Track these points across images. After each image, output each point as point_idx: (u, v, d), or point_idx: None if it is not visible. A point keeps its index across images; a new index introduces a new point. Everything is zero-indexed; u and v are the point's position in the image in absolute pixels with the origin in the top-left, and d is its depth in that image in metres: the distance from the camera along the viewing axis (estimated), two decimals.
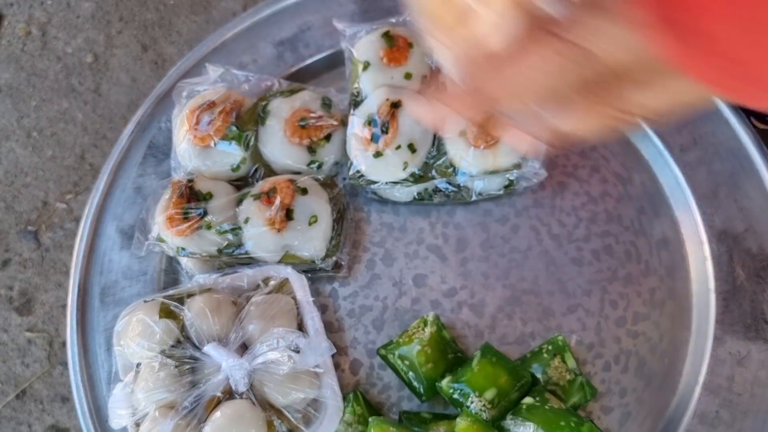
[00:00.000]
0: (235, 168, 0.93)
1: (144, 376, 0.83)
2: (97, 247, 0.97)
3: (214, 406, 0.83)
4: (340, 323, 0.94)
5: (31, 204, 1.55)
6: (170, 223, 0.88)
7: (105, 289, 0.95)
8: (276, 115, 0.93)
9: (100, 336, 0.94)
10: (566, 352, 0.87)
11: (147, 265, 0.96)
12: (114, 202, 0.98)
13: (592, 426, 0.79)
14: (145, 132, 1.01)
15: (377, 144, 0.88)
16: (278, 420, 0.83)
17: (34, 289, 1.49)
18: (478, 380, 0.83)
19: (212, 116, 0.92)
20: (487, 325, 0.93)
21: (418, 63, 0.93)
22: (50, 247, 1.52)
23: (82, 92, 1.62)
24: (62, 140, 1.59)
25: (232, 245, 0.89)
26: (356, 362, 0.93)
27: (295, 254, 0.90)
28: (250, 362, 0.82)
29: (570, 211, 0.97)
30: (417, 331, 0.88)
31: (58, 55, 1.65)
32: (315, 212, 0.89)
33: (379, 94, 0.90)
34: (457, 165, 0.90)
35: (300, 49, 1.04)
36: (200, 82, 0.97)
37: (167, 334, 0.84)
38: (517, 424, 0.80)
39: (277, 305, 0.87)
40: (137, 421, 0.83)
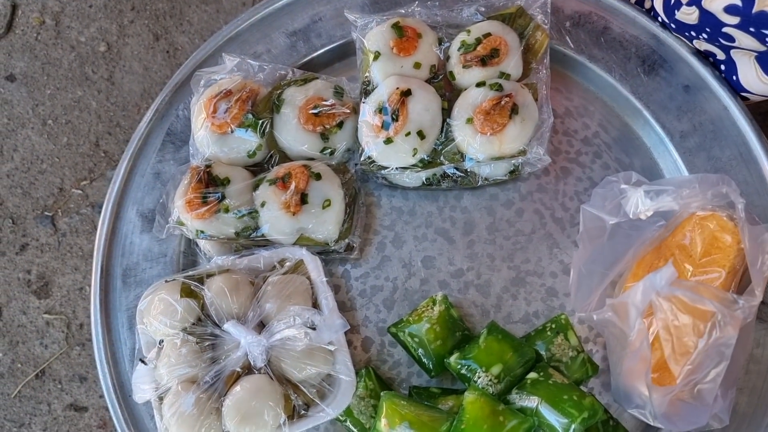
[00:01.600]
0: (251, 154, 0.97)
1: (167, 353, 0.87)
2: (119, 230, 1.01)
3: (233, 380, 0.87)
4: (352, 303, 0.98)
5: (47, 190, 1.59)
6: (189, 207, 0.92)
7: (127, 271, 0.99)
8: (290, 103, 0.96)
9: (122, 315, 0.98)
10: (569, 330, 0.91)
11: (167, 247, 1.00)
12: (134, 187, 1.02)
13: (594, 400, 0.83)
14: (163, 119, 1.04)
15: (388, 131, 0.92)
16: (294, 394, 0.87)
17: (51, 273, 1.53)
18: (485, 356, 0.87)
19: (229, 104, 0.95)
20: (492, 304, 0.96)
21: (427, 53, 0.96)
22: (67, 232, 1.55)
23: (95, 81, 1.66)
24: (77, 128, 1.63)
25: (249, 228, 0.93)
26: (368, 340, 0.97)
27: (310, 237, 0.93)
28: (268, 339, 0.86)
29: (573, 195, 1.00)
30: (426, 309, 0.92)
31: (72, 44, 1.69)
32: (328, 196, 0.93)
33: (389, 83, 0.93)
34: (464, 151, 0.93)
35: (312, 40, 1.07)
36: (217, 71, 1.00)
37: (188, 312, 0.88)
38: (522, 398, 0.84)
39: (292, 285, 0.91)
40: (160, 395, 0.87)
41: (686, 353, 0.77)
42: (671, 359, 0.77)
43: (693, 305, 0.77)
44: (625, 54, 1.02)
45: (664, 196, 0.81)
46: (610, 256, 0.87)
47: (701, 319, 0.77)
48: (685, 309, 0.77)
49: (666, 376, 0.81)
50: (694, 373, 0.76)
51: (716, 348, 0.76)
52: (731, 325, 0.75)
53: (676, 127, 1.00)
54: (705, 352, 0.76)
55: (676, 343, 0.77)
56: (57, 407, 1.45)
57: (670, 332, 0.77)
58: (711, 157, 0.98)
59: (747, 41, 0.86)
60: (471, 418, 0.80)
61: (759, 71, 0.91)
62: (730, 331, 0.75)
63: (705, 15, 0.87)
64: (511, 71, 0.94)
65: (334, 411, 0.88)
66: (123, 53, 1.66)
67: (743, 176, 0.96)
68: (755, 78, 0.92)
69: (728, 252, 0.83)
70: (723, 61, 0.96)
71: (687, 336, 0.77)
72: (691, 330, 0.77)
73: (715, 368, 0.76)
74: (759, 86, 0.93)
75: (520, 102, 0.91)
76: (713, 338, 0.76)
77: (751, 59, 0.91)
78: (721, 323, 0.76)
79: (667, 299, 0.77)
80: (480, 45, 0.94)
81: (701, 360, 0.76)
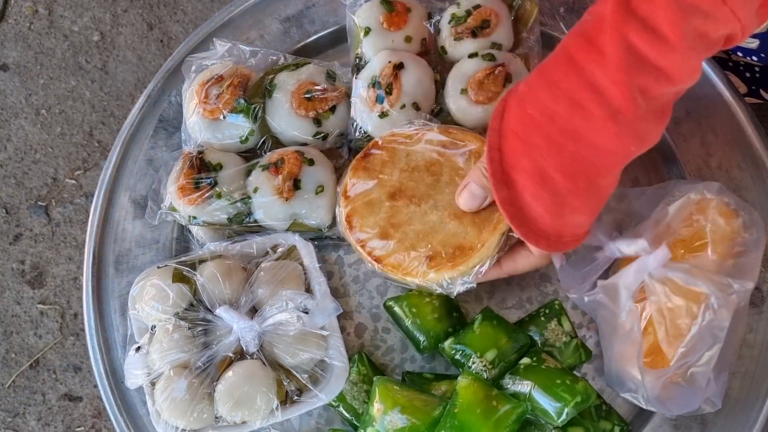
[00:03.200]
0: (244, 140, 0.97)
1: (159, 338, 0.87)
2: (111, 216, 1.00)
3: (226, 366, 0.87)
4: (345, 289, 0.98)
5: (41, 180, 1.58)
6: (182, 193, 0.92)
7: (119, 257, 0.99)
8: (282, 88, 0.96)
9: (114, 302, 0.97)
10: (562, 315, 0.91)
11: (159, 233, 1.00)
12: (126, 174, 1.02)
13: (586, 384, 0.83)
14: (155, 106, 1.04)
15: (382, 105, 0.92)
16: (287, 379, 0.87)
17: (45, 263, 1.53)
18: (479, 342, 0.87)
19: (220, 90, 0.95)
20: (486, 290, 0.96)
21: (418, 26, 0.96)
22: (60, 222, 1.55)
23: (89, 70, 1.65)
24: (70, 117, 1.62)
25: (241, 214, 0.93)
26: (361, 326, 0.97)
27: (303, 222, 0.93)
28: (260, 324, 0.86)
29: None
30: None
31: (65, 33, 1.68)
32: (321, 182, 0.93)
33: (381, 57, 0.93)
34: (460, 121, 0.93)
35: (305, 26, 1.07)
36: (208, 57, 0.99)
37: (180, 297, 0.88)
38: (516, 383, 0.84)
39: (285, 270, 0.90)
40: (152, 380, 0.87)
41: (680, 336, 0.77)
42: (664, 342, 0.77)
43: (686, 287, 0.77)
44: None
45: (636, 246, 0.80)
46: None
47: (695, 301, 0.77)
48: (679, 291, 0.77)
49: (659, 360, 0.81)
50: (688, 356, 0.76)
51: (710, 330, 0.76)
52: (725, 307, 0.75)
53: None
54: (698, 334, 0.76)
55: (669, 326, 0.77)
56: (51, 397, 1.45)
57: (663, 315, 0.77)
58: (705, 142, 0.98)
59: None
60: (464, 402, 0.80)
61: None
62: (723, 313, 0.76)
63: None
64: (502, 42, 0.95)
65: (326, 396, 0.88)
66: (117, 43, 1.66)
67: (737, 161, 0.96)
68: None
69: (721, 236, 0.83)
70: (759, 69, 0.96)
71: (680, 318, 0.77)
72: (684, 312, 0.77)
73: (708, 351, 0.76)
74: None
75: (513, 71, 0.92)
76: (707, 320, 0.76)
77: None
78: (714, 306, 0.76)
79: (661, 281, 0.77)
80: (470, 17, 0.95)
81: (695, 343, 0.76)
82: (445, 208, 0.88)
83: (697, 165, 0.97)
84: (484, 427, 0.78)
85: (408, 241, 0.87)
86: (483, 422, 0.78)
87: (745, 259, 0.80)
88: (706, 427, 0.87)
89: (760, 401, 0.87)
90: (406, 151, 0.91)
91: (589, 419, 0.85)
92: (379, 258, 0.87)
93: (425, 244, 0.87)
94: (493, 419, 0.78)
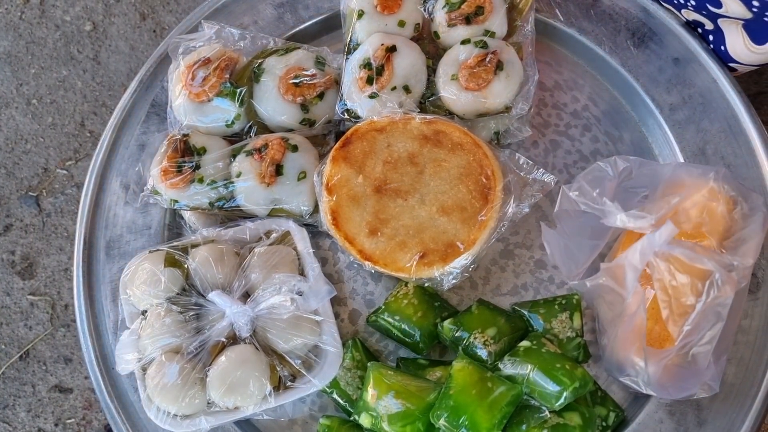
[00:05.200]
0: (230, 124, 0.96)
1: (150, 323, 0.86)
2: (102, 201, 0.99)
3: (218, 351, 0.86)
4: (339, 275, 0.97)
5: (31, 170, 1.56)
6: (164, 176, 0.91)
7: (110, 243, 0.98)
8: (270, 73, 0.95)
9: (105, 288, 0.96)
10: (576, 311, 0.90)
11: (151, 219, 0.99)
12: (118, 159, 1.00)
13: (585, 371, 0.83)
14: (147, 91, 1.03)
15: (373, 86, 0.91)
16: (280, 365, 0.86)
17: (36, 254, 1.51)
18: (479, 321, 0.87)
19: (207, 72, 0.94)
20: (481, 276, 0.96)
21: (412, 11, 0.96)
22: (51, 213, 1.53)
23: (81, 60, 1.63)
24: (62, 107, 1.60)
25: (223, 198, 0.92)
26: (355, 312, 0.96)
27: (284, 208, 0.92)
28: (254, 309, 0.85)
29: (562, 168, 1.00)
30: (400, 289, 0.91)
31: (57, 23, 1.66)
32: (304, 168, 0.92)
33: (374, 40, 0.93)
34: (449, 107, 0.93)
35: (300, 11, 1.06)
36: (195, 39, 0.98)
37: (172, 282, 0.87)
38: (515, 365, 0.83)
39: (279, 255, 0.89)
40: (144, 365, 0.86)
41: (684, 314, 0.77)
42: (669, 320, 0.77)
43: (691, 264, 0.76)
44: (614, 27, 1.02)
45: (642, 222, 0.79)
46: (597, 227, 0.86)
47: (699, 278, 0.77)
48: (683, 268, 0.76)
49: (662, 344, 0.80)
50: (692, 335, 0.75)
51: (713, 308, 0.76)
52: (729, 284, 0.75)
53: (666, 100, 0.99)
54: (703, 312, 0.76)
55: (674, 304, 0.77)
56: (41, 389, 1.44)
57: (668, 293, 0.76)
58: (700, 129, 0.97)
59: (734, 7, 0.85)
60: (459, 384, 0.79)
61: (746, 40, 0.91)
62: (727, 290, 0.75)
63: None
64: (495, 29, 0.94)
65: (320, 382, 0.87)
66: (109, 32, 1.64)
67: (732, 148, 0.96)
68: (743, 47, 0.92)
69: (719, 220, 0.82)
70: (711, 31, 0.95)
71: (685, 296, 0.77)
72: (689, 290, 0.76)
73: (710, 330, 0.75)
74: (747, 55, 0.93)
75: (505, 59, 0.92)
76: (711, 297, 0.76)
77: (739, 27, 0.91)
78: (718, 282, 0.75)
79: (665, 259, 0.77)
80: (464, 3, 0.95)
81: (699, 320, 0.76)
82: (433, 202, 0.88)
83: (693, 152, 0.97)
84: (480, 407, 0.77)
85: (398, 237, 0.87)
86: (478, 403, 0.78)
87: (746, 239, 0.79)
88: (702, 413, 0.87)
89: (755, 387, 0.87)
90: (387, 141, 0.90)
91: (585, 405, 0.84)
92: (371, 256, 0.86)
93: (416, 241, 0.86)
94: (488, 400, 0.78)
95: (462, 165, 0.89)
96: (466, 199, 0.88)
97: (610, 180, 0.82)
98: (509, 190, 0.90)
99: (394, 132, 0.90)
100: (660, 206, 0.79)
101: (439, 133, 0.90)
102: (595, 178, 0.83)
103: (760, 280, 0.90)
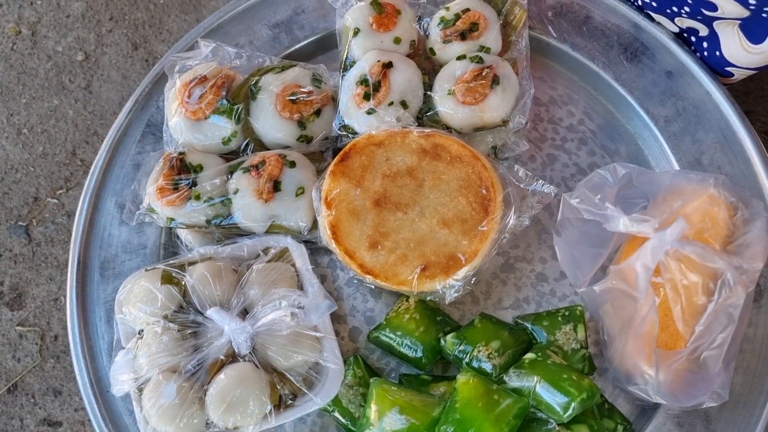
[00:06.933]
0: (226, 141, 0.95)
1: (147, 341, 0.84)
2: (97, 221, 0.98)
3: (217, 369, 0.84)
4: (338, 292, 0.96)
5: (21, 199, 1.55)
6: (160, 194, 0.90)
7: (105, 263, 0.96)
8: (267, 90, 0.95)
9: (100, 309, 0.94)
10: (580, 323, 0.89)
11: (147, 239, 0.97)
12: (113, 178, 0.99)
13: (592, 383, 0.81)
14: (143, 110, 1.02)
15: (370, 102, 0.91)
16: (281, 383, 0.84)
17: (25, 284, 1.48)
18: (482, 335, 0.86)
19: (203, 90, 0.94)
20: (482, 290, 0.95)
21: (407, 29, 0.97)
22: (41, 242, 1.51)
23: (72, 90, 1.63)
24: (53, 137, 1.60)
25: (220, 215, 0.91)
26: (355, 330, 0.94)
27: (282, 224, 0.91)
28: (253, 325, 0.83)
29: (560, 181, 1.00)
30: (401, 304, 0.90)
31: (49, 53, 1.67)
32: (302, 184, 0.91)
33: (370, 57, 0.94)
34: (447, 122, 0.93)
35: (295, 31, 1.07)
36: (192, 57, 0.98)
37: (169, 299, 0.85)
38: (520, 377, 0.81)
39: (277, 272, 0.88)
40: (140, 386, 0.84)
41: (696, 314, 0.76)
42: (680, 321, 0.76)
43: (702, 264, 0.75)
44: (607, 42, 1.03)
45: (645, 225, 0.78)
46: (600, 235, 0.85)
47: (711, 277, 0.76)
48: (694, 268, 0.76)
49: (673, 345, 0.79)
50: (704, 336, 0.74)
51: (725, 309, 0.75)
52: (740, 284, 0.74)
53: (660, 113, 1.00)
54: (715, 312, 0.75)
55: (685, 304, 0.76)
56: (30, 422, 1.39)
57: (678, 293, 0.75)
58: (695, 140, 0.98)
59: (730, 8, 0.86)
60: (464, 397, 0.78)
61: (743, 40, 0.91)
62: (739, 290, 0.74)
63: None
64: (490, 45, 0.95)
65: (322, 400, 0.85)
66: (101, 62, 1.65)
67: (728, 158, 0.96)
68: (739, 48, 0.92)
69: (721, 226, 0.82)
70: (706, 37, 0.96)
71: (696, 296, 0.76)
72: (700, 289, 0.76)
73: (722, 333, 0.74)
74: (744, 57, 0.93)
75: (501, 73, 0.92)
76: (723, 297, 0.75)
77: (735, 29, 0.92)
78: (730, 282, 0.75)
79: (675, 259, 0.76)
80: (459, 20, 0.96)
81: (711, 321, 0.75)
82: (433, 215, 0.87)
83: (690, 162, 0.97)
84: (486, 420, 0.76)
85: (399, 250, 0.86)
86: (485, 416, 0.76)
87: (751, 244, 0.79)
88: (710, 424, 0.85)
89: (763, 396, 0.86)
90: (386, 155, 0.90)
91: (592, 417, 0.83)
92: (371, 270, 0.85)
93: (417, 254, 0.85)
94: (495, 413, 0.76)
95: (461, 177, 0.88)
96: (466, 211, 0.87)
97: (611, 186, 0.82)
98: (509, 201, 0.89)
99: (392, 146, 0.90)
100: (662, 210, 0.78)
101: (438, 146, 0.90)
102: (595, 185, 0.82)
103: (762, 288, 0.89)
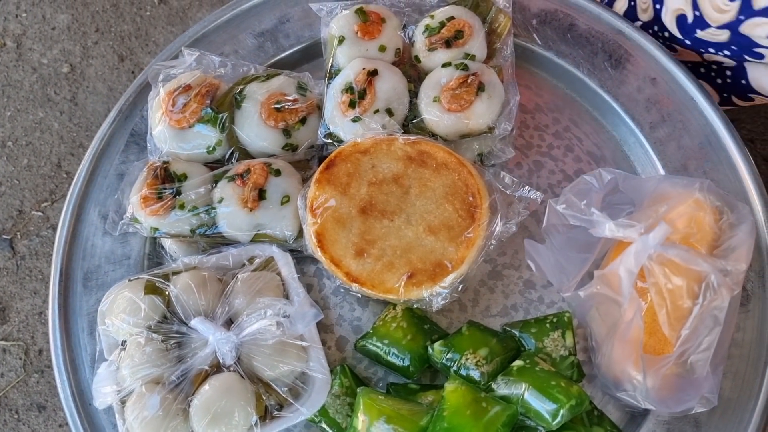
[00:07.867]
0: (211, 150, 0.94)
1: (130, 353, 0.82)
2: (80, 232, 0.96)
3: (202, 380, 0.82)
4: (325, 302, 0.95)
5: (5, 213, 1.53)
6: (144, 203, 0.89)
7: (88, 274, 0.95)
8: (252, 98, 0.94)
9: (82, 320, 0.93)
10: (568, 329, 0.88)
11: (130, 249, 0.96)
12: (96, 189, 0.98)
13: (581, 389, 0.80)
14: (127, 120, 1.01)
15: (355, 110, 0.91)
16: (266, 393, 0.83)
17: (9, 298, 1.47)
18: (470, 342, 0.85)
19: (187, 99, 0.93)
20: (470, 298, 0.94)
21: (392, 37, 0.97)
22: (26, 255, 1.50)
23: (58, 102, 1.62)
24: (38, 149, 1.59)
25: (205, 225, 0.90)
26: (342, 339, 0.93)
27: (267, 233, 0.90)
28: (238, 335, 0.82)
29: (546, 188, 1.00)
30: (388, 312, 0.89)
31: (34, 66, 1.66)
32: (287, 193, 0.91)
33: (355, 65, 0.93)
34: (433, 130, 0.93)
35: (280, 40, 1.07)
36: (176, 65, 0.98)
37: (153, 309, 0.84)
38: (509, 385, 0.81)
39: (263, 281, 0.87)
40: (123, 398, 0.82)
41: (681, 318, 0.76)
42: (666, 325, 0.75)
43: (686, 267, 0.75)
44: (591, 49, 1.03)
45: (630, 230, 0.78)
46: (586, 241, 0.85)
47: (695, 280, 0.76)
48: (678, 271, 0.75)
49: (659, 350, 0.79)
50: (690, 340, 0.74)
51: (710, 311, 0.75)
52: (724, 287, 0.74)
53: (646, 119, 1.00)
54: (700, 315, 0.74)
55: (670, 308, 0.75)
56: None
57: (663, 297, 0.75)
58: (681, 146, 0.98)
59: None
60: (452, 405, 0.77)
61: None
62: (723, 293, 0.74)
63: (738, 37, 0.89)
64: (475, 52, 0.95)
65: (308, 410, 0.84)
66: (87, 74, 1.64)
67: (713, 163, 0.96)
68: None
69: (707, 230, 0.82)
70: (731, 67, 0.97)
71: (681, 299, 0.76)
72: (685, 293, 0.75)
73: (708, 336, 0.74)
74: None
75: (486, 80, 0.92)
76: (708, 300, 0.75)
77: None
78: (714, 284, 0.74)
79: (659, 263, 0.76)
80: (444, 28, 0.96)
81: (696, 324, 0.74)
82: (419, 222, 0.87)
83: (676, 168, 0.97)
84: (475, 428, 0.75)
85: (386, 257, 0.85)
86: (473, 424, 0.75)
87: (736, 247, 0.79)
88: (700, 429, 0.85)
89: (752, 401, 0.85)
90: (371, 162, 0.89)
91: (582, 425, 0.82)
92: (358, 278, 0.85)
93: (404, 261, 0.85)
94: (484, 420, 0.75)
95: (447, 184, 0.88)
96: (452, 218, 0.87)
97: (597, 192, 0.82)
98: (495, 208, 0.89)
99: (378, 153, 0.90)
100: (648, 215, 0.78)
101: (424, 153, 0.89)
102: (581, 191, 0.82)
103: (749, 292, 0.89)
